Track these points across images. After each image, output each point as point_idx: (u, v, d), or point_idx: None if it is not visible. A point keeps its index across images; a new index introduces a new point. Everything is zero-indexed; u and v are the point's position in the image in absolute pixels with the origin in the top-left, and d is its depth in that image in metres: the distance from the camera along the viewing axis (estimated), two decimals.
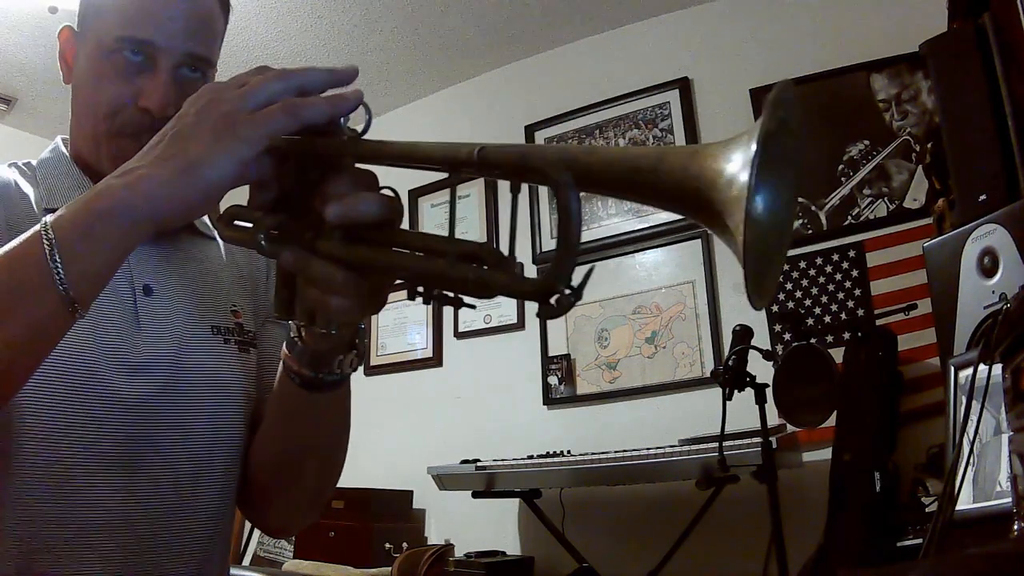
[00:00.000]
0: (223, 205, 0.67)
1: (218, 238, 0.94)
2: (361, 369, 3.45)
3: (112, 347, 0.78)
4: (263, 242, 0.62)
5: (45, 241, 0.57)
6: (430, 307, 3.68)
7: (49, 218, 0.58)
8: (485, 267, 0.54)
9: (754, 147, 0.46)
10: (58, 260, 0.56)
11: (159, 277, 0.85)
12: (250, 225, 0.63)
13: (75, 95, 0.86)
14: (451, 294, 0.56)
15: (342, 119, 0.61)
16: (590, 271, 0.53)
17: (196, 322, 0.86)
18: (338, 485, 0.93)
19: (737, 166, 0.46)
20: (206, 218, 0.94)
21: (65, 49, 0.88)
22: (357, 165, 0.61)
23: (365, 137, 0.61)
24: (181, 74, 0.83)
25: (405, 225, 0.61)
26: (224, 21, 0.90)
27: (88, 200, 0.58)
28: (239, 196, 0.65)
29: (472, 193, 3.70)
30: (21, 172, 0.87)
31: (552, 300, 0.51)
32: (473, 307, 0.56)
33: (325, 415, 0.81)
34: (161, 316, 0.83)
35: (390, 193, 0.60)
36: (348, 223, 0.58)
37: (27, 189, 0.84)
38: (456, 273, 0.54)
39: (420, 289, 0.57)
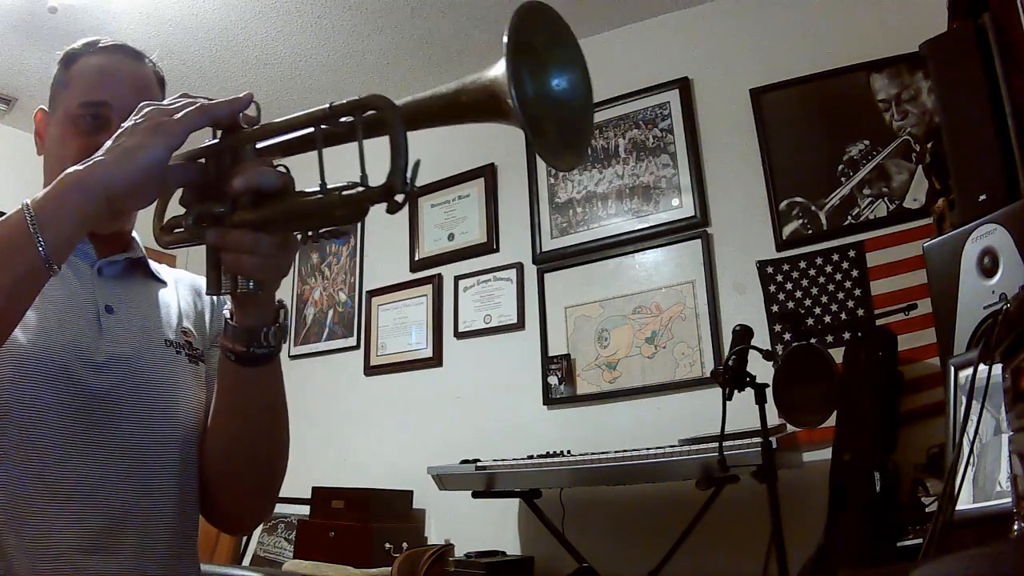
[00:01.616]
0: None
1: (170, 284, 1.13)
2: (361, 369, 3.47)
3: (79, 347, 0.93)
4: (192, 225, 0.81)
5: (27, 214, 0.75)
6: (430, 307, 3.68)
7: (28, 199, 0.76)
8: (346, 190, 0.72)
9: (505, 41, 0.65)
10: (36, 227, 0.74)
11: (119, 301, 1.02)
12: (181, 228, 0.83)
13: (46, 159, 1.05)
14: (331, 228, 0.75)
15: (241, 116, 0.80)
16: (417, 163, 0.68)
17: (150, 335, 1.02)
18: (338, 485, 0.97)
19: (501, 64, 0.65)
20: (160, 271, 1.13)
21: (39, 127, 1.08)
22: (261, 157, 0.80)
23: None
24: None
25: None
26: (161, 93, 1.11)
27: (56, 182, 0.77)
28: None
29: (472, 193, 3.70)
30: None
31: (396, 198, 0.69)
32: (345, 233, 0.70)
33: (260, 390, 0.95)
34: (120, 329, 0.99)
35: (282, 168, 0.79)
36: (251, 189, 0.77)
37: None
38: (327, 200, 0.73)
39: (307, 233, 0.76)
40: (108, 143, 0.80)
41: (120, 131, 0.80)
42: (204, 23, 3.25)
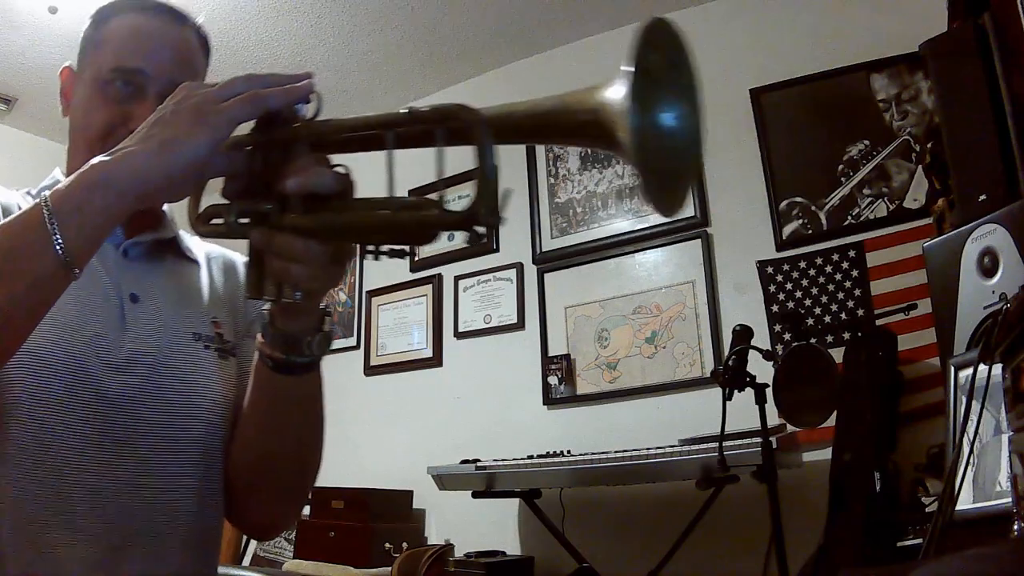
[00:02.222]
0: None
1: (201, 262, 1.03)
2: (361, 369, 3.47)
3: (100, 344, 0.85)
4: (235, 223, 0.72)
5: (45, 210, 0.65)
6: (430, 307, 3.68)
7: (47, 192, 0.67)
8: (419, 210, 0.63)
9: (631, 69, 0.56)
10: (55, 226, 0.64)
11: (145, 288, 0.93)
12: (221, 220, 0.73)
13: (72, 124, 0.95)
14: (396, 247, 0.66)
15: (298, 108, 0.71)
16: (507, 193, 0.61)
17: (178, 328, 0.93)
18: (338, 485, 0.95)
19: (621, 88, 0.56)
20: (191, 244, 1.03)
21: (65, 86, 0.98)
22: (315, 153, 0.70)
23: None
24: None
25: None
26: (205, 61, 1.02)
27: (80, 174, 0.67)
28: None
29: (472, 193, 3.70)
30: (24, 199, 0.94)
31: (477, 228, 0.61)
32: (413, 255, 0.63)
33: (298, 400, 0.87)
34: (145, 321, 0.90)
35: (342, 170, 0.70)
36: (305, 192, 0.68)
37: None
38: (396, 219, 0.63)
39: (371, 248, 0.67)
40: (141, 129, 0.70)
41: (156, 116, 0.70)
42: (204, 23, 3.24)
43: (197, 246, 1.04)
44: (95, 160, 0.67)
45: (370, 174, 0.73)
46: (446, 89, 3.83)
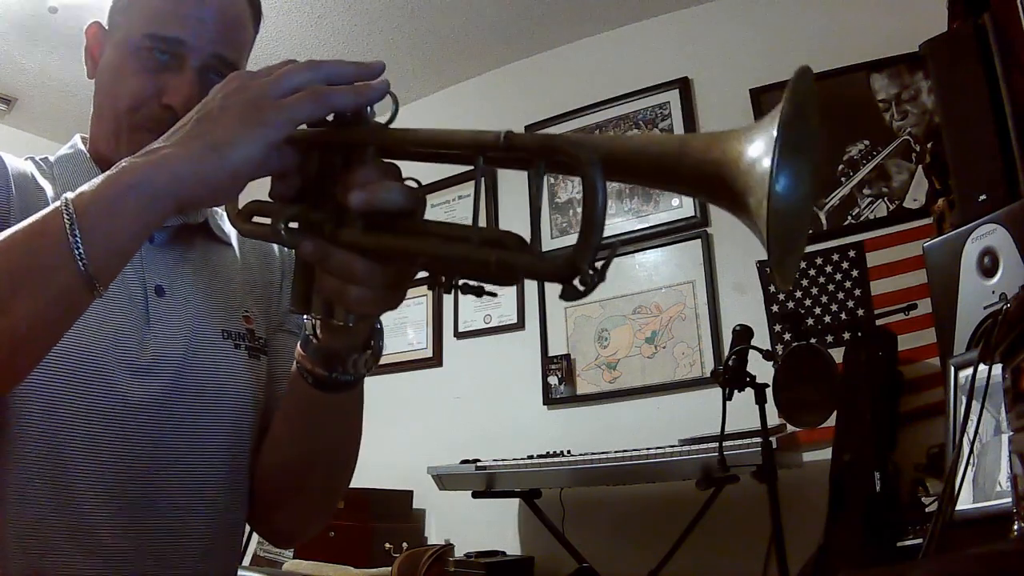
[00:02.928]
0: (243, 200, 0.67)
1: (233, 243, 0.94)
2: None
3: (121, 346, 0.78)
4: (283, 232, 0.61)
5: (65, 216, 0.56)
6: (430, 307, 3.68)
7: (70, 194, 0.57)
8: (507, 250, 0.54)
9: (775, 129, 0.46)
10: (77, 235, 0.55)
11: (172, 279, 0.85)
12: (269, 221, 0.63)
13: (98, 89, 0.86)
14: (473, 283, 0.56)
15: (368, 109, 0.61)
16: (614, 251, 0.53)
17: (206, 325, 0.85)
18: None
19: (760, 148, 0.47)
20: (223, 222, 0.93)
21: (92, 44, 0.87)
22: (382, 159, 0.62)
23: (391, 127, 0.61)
24: (207, 76, 0.81)
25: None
26: (254, 30, 0.91)
27: (110, 176, 0.58)
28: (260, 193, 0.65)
29: (472, 193, 3.70)
30: (38, 167, 0.86)
31: (575, 281, 0.52)
32: (494, 295, 0.56)
33: (337, 417, 0.81)
34: (171, 317, 0.82)
35: (413, 184, 0.60)
36: (372, 210, 0.58)
37: (43, 184, 0.83)
38: (478, 256, 0.53)
39: (443, 279, 0.57)
40: (184, 125, 0.60)
41: (202, 111, 0.60)
42: None
43: (228, 225, 0.93)
44: (127, 162, 0.58)
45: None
46: (446, 89, 3.83)
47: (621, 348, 3.13)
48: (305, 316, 0.72)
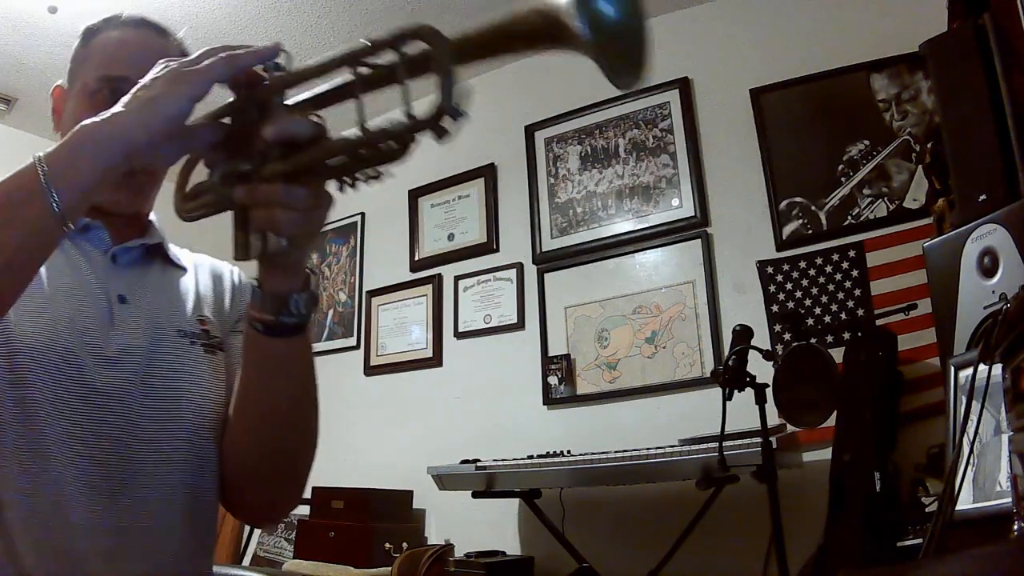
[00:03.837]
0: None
1: (189, 270, 1.06)
2: (361, 369, 3.47)
3: (89, 340, 0.88)
4: (218, 184, 0.76)
5: (39, 166, 0.69)
6: (430, 307, 3.68)
7: (40, 153, 0.71)
8: (391, 126, 0.66)
9: None
10: (49, 179, 0.69)
11: (132, 290, 0.96)
12: (207, 193, 0.78)
13: (63, 135, 0.97)
14: (371, 171, 0.70)
15: (266, 68, 0.75)
16: (468, 88, 0.65)
17: (164, 326, 0.96)
18: (338, 485, 0.94)
19: None
20: (180, 254, 1.07)
21: (56, 104, 1.03)
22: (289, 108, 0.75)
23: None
24: None
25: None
26: (171, 44, 1.04)
27: (71, 134, 0.72)
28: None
29: (472, 193, 3.70)
30: None
31: (445, 123, 0.64)
32: (382, 174, 0.70)
33: (289, 367, 0.88)
34: (132, 319, 0.93)
35: (316, 119, 0.73)
36: (282, 138, 0.72)
37: None
38: (368, 137, 0.67)
39: (345, 178, 0.71)
40: (126, 97, 0.75)
41: (140, 84, 0.75)
42: (203, 23, 3.24)
43: (186, 256, 1.08)
44: (84, 121, 0.72)
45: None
46: None
47: (621, 348, 3.13)
48: (246, 300, 0.85)
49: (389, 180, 0.69)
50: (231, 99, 0.78)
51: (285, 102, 0.75)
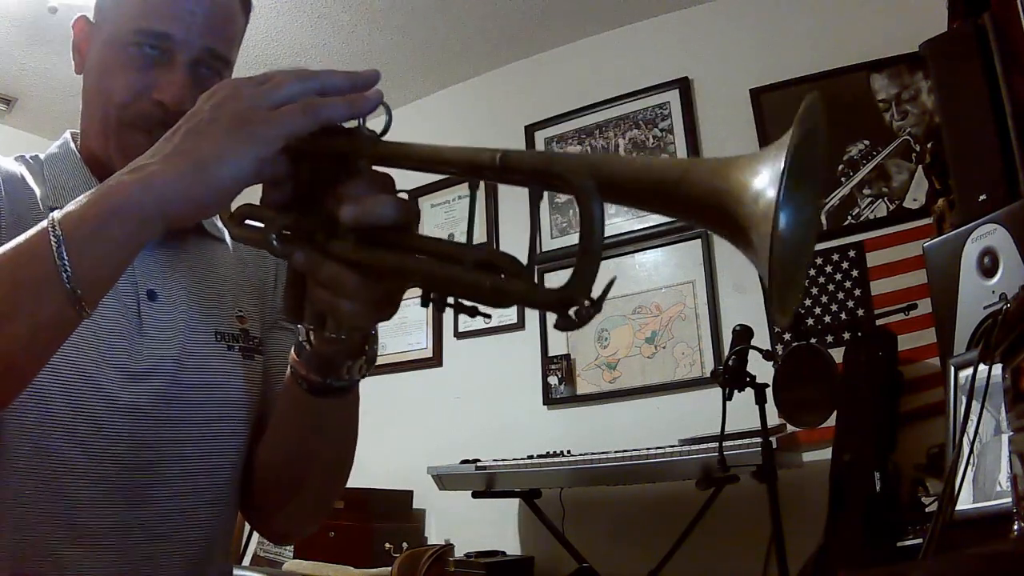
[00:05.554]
0: (236, 203, 0.66)
1: (227, 239, 0.93)
2: None
3: (114, 353, 0.77)
4: (275, 242, 0.60)
5: (52, 238, 0.55)
6: (430, 308, 3.67)
7: (57, 214, 0.56)
8: (502, 275, 0.52)
9: (783, 162, 0.44)
10: (65, 257, 0.54)
11: (164, 282, 0.83)
12: (262, 225, 0.62)
13: (87, 86, 0.84)
14: (465, 302, 0.55)
15: (361, 120, 0.59)
16: (611, 283, 0.50)
17: (199, 328, 0.84)
18: None
19: (765, 180, 0.45)
20: (216, 218, 0.92)
21: (79, 39, 0.86)
22: (375, 168, 0.60)
23: (384, 138, 0.60)
24: (198, 71, 0.81)
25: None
26: (244, 21, 0.88)
27: (98, 196, 0.57)
28: (252, 195, 0.65)
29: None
30: (28, 166, 0.85)
31: (571, 312, 0.50)
32: (488, 316, 0.55)
33: (332, 421, 0.80)
34: (164, 322, 0.82)
35: (406, 197, 0.59)
36: (363, 225, 0.57)
37: (33, 185, 0.82)
38: (471, 279, 0.53)
39: (433, 296, 0.56)
40: (172, 138, 0.58)
41: (190, 124, 0.58)
42: None
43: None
44: (114, 180, 0.57)
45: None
46: (446, 89, 3.83)
47: (621, 348, 3.13)
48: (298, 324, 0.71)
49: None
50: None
51: (375, 160, 0.60)
